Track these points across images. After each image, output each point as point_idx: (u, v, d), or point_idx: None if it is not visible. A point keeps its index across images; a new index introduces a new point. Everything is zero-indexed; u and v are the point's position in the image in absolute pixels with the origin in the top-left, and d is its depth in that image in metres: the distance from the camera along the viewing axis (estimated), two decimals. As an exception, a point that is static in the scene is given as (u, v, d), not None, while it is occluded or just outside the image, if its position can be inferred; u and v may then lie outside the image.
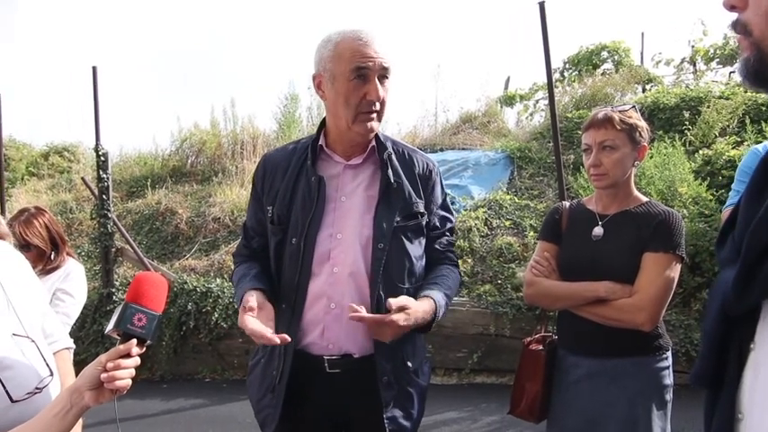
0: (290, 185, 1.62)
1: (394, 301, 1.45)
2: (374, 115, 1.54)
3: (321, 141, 1.65)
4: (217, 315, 5.31)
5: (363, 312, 1.43)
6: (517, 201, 6.43)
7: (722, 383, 1.58)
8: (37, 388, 1.34)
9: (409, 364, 1.64)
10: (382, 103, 1.54)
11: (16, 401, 1.27)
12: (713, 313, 1.62)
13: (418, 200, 1.64)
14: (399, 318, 1.44)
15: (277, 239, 1.62)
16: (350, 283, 1.56)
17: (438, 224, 1.72)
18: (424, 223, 1.66)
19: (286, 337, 1.39)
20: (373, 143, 1.64)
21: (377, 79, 1.50)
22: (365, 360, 1.58)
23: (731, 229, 1.55)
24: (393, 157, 1.64)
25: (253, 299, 1.47)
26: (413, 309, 1.47)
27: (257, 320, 1.42)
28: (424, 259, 1.68)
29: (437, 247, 1.72)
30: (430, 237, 1.70)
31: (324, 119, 1.69)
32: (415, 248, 1.64)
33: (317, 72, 1.58)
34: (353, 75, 1.48)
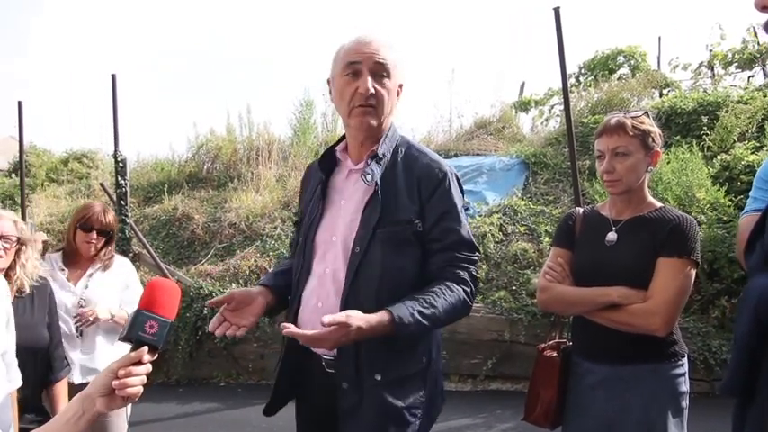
0: (312, 190, 1.73)
1: (328, 319, 1.36)
2: (370, 110, 1.54)
3: (340, 146, 1.72)
4: (232, 320, 5.33)
5: (294, 328, 1.42)
6: (532, 206, 6.40)
7: (753, 394, 1.54)
8: None
9: (375, 376, 1.52)
10: (378, 99, 1.54)
11: None
12: (745, 321, 1.59)
13: (410, 206, 1.55)
14: (318, 333, 1.37)
15: (296, 238, 1.77)
16: (333, 284, 1.59)
17: (438, 236, 1.56)
18: (410, 231, 1.54)
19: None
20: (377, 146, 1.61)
21: (370, 74, 1.53)
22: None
23: (760, 236, 1.52)
24: (383, 161, 1.58)
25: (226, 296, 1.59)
26: (354, 325, 1.37)
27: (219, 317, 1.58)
28: (409, 271, 1.55)
29: (436, 260, 1.56)
30: (428, 249, 1.56)
31: None
32: (397, 258, 1.53)
33: (328, 78, 1.68)
34: (346, 71, 1.55)
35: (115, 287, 2.73)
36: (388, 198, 1.55)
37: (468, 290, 1.56)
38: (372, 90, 1.52)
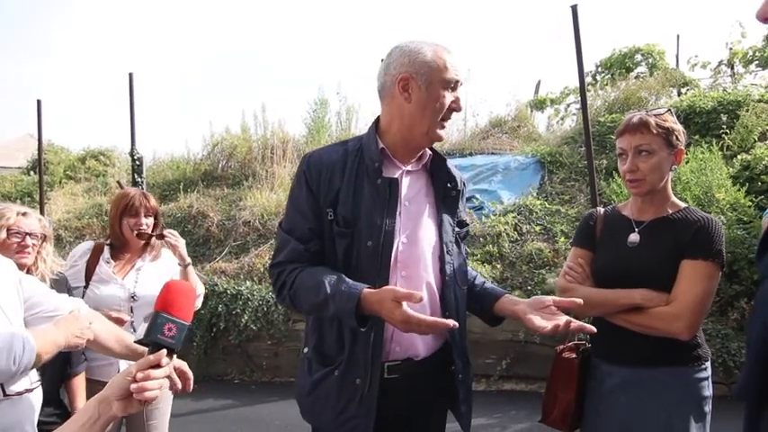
0: (351, 187, 1.58)
1: (560, 304, 1.52)
2: (446, 123, 1.62)
3: (381, 144, 1.63)
4: (246, 317, 5.37)
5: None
6: (548, 206, 6.34)
7: (767, 398, 1.51)
8: (27, 389, 1.48)
9: (470, 362, 1.77)
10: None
11: (8, 396, 1.40)
12: (759, 324, 1.56)
13: (462, 208, 1.76)
14: None
15: (346, 242, 1.57)
16: (419, 286, 1.58)
17: (464, 235, 1.82)
18: (465, 231, 1.78)
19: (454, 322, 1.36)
20: (429, 152, 1.70)
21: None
22: (426, 362, 1.62)
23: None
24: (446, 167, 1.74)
25: (404, 291, 1.37)
26: None
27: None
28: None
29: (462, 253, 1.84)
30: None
31: (375, 120, 1.67)
32: (464, 253, 1.76)
33: (408, 73, 1.55)
34: (449, 85, 1.56)
35: (166, 279, 2.65)
36: (457, 201, 1.72)
37: None
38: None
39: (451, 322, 1.35)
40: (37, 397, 1.57)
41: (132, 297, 2.49)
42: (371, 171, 1.58)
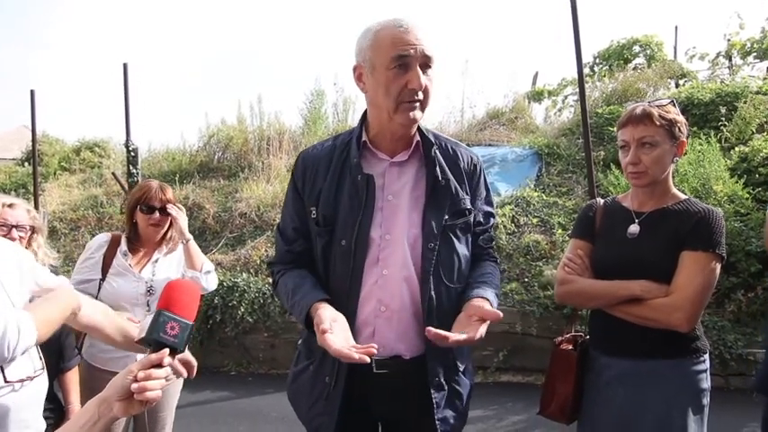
0: (333, 184, 1.55)
1: (479, 313, 1.41)
2: (417, 105, 1.46)
3: (364, 137, 1.57)
4: (243, 309, 5.36)
5: (445, 333, 1.35)
6: (545, 198, 6.34)
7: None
8: (28, 377, 1.45)
9: (459, 364, 1.62)
10: (425, 93, 1.47)
11: (9, 382, 1.37)
12: None
13: (465, 196, 1.59)
14: (483, 331, 1.40)
15: (324, 241, 1.54)
16: (400, 284, 1.51)
17: (482, 220, 1.66)
18: (471, 220, 1.61)
19: (373, 350, 1.27)
20: (418, 138, 1.58)
21: (419, 67, 1.43)
22: (415, 361, 1.54)
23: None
24: (438, 153, 1.58)
25: (326, 316, 1.35)
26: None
27: (338, 339, 1.32)
28: (469, 256, 1.62)
29: (480, 243, 1.67)
30: (474, 233, 1.64)
31: (364, 113, 1.62)
32: (463, 247, 1.59)
33: (357, 63, 1.52)
34: (394, 63, 1.41)
35: (182, 266, 2.57)
36: (450, 189, 1.56)
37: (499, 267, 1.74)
38: (424, 84, 1.44)
39: (357, 356, 1.24)
40: (41, 384, 1.53)
41: (149, 290, 2.43)
42: (353, 167, 1.54)
